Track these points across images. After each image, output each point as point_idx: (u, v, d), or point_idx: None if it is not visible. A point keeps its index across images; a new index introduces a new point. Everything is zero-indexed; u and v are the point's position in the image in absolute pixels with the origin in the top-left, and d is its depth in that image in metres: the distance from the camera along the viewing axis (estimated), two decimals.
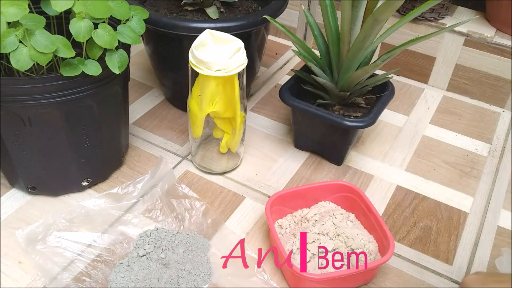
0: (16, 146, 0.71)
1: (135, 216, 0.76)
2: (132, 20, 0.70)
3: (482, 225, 0.80)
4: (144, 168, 0.86)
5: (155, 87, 1.07)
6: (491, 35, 1.02)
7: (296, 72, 0.88)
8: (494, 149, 0.96)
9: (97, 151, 0.77)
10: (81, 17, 0.63)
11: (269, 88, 1.09)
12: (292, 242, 0.71)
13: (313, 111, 0.82)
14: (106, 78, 0.70)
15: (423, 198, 0.84)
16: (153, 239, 0.71)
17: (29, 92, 0.64)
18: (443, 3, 1.04)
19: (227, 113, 0.76)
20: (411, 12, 0.72)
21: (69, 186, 0.80)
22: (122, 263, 0.68)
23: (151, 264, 0.68)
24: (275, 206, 0.74)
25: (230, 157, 0.86)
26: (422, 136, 0.98)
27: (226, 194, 0.83)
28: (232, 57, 0.71)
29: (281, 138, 0.95)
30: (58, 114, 0.68)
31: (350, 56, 0.78)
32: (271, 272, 0.70)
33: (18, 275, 0.69)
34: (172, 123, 0.98)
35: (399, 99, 1.08)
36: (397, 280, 0.71)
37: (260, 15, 0.84)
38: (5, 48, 0.59)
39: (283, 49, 1.23)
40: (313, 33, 0.86)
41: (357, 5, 0.76)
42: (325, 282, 0.65)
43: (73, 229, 0.73)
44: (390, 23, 0.80)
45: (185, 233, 0.73)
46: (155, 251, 0.69)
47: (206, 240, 0.73)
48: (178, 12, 0.92)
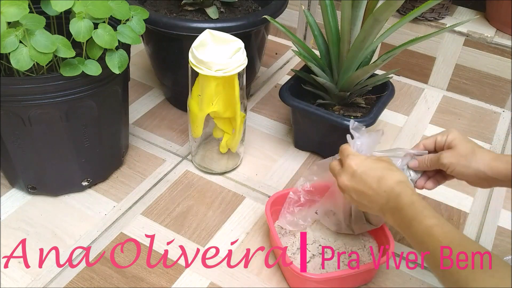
0: (16, 146, 0.71)
1: None
2: (132, 20, 0.70)
3: (482, 225, 0.80)
4: (144, 168, 0.86)
5: (155, 87, 1.07)
6: (491, 35, 1.02)
7: (296, 72, 0.88)
8: (494, 149, 0.96)
9: (97, 151, 0.77)
10: (81, 17, 0.63)
11: (269, 88, 1.09)
12: (292, 242, 0.71)
13: (313, 111, 0.82)
14: (106, 78, 0.70)
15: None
16: None
17: (29, 92, 0.64)
18: (443, 3, 1.04)
19: (227, 113, 0.76)
20: (411, 12, 0.72)
21: (69, 186, 0.80)
22: None
23: None
24: (275, 206, 0.74)
25: (230, 157, 0.86)
26: (422, 136, 0.98)
27: (226, 194, 0.83)
28: (232, 57, 0.71)
29: (281, 138, 0.95)
30: (58, 114, 0.68)
31: (350, 56, 0.78)
32: (271, 272, 0.70)
33: (18, 275, 0.69)
34: (172, 123, 0.98)
35: (399, 99, 1.08)
36: (397, 280, 0.71)
37: (260, 15, 0.84)
38: (5, 48, 0.59)
39: (283, 49, 1.23)
40: (313, 33, 0.86)
41: (357, 5, 0.76)
42: (325, 282, 0.65)
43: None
44: (390, 23, 0.80)
45: None
46: None
47: None
48: (178, 12, 0.92)
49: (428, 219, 0.51)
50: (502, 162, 0.59)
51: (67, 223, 0.76)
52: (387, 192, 0.57)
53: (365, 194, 0.58)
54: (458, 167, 0.61)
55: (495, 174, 0.59)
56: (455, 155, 0.61)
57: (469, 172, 0.61)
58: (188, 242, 0.74)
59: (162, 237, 0.75)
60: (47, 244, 0.73)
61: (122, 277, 0.69)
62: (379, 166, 0.59)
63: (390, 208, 0.56)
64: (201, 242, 0.74)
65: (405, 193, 0.55)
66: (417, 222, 0.52)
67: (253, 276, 0.70)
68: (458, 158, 0.61)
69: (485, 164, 0.60)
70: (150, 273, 0.70)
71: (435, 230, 0.50)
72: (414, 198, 0.54)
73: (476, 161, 0.60)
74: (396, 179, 0.57)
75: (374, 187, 0.58)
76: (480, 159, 0.60)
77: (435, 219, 0.51)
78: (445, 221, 0.51)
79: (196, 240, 0.75)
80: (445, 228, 0.50)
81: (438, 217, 0.52)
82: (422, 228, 0.51)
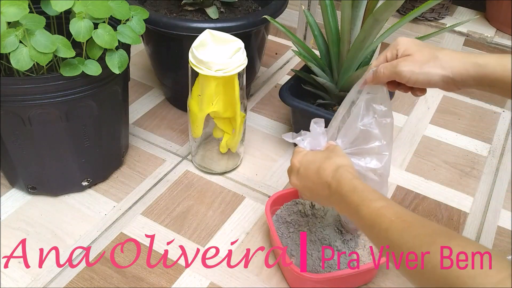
0: (16, 146, 0.71)
1: None
2: (132, 20, 0.70)
3: (482, 225, 0.80)
4: (144, 168, 0.86)
5: (155, 87, 1.07)
6: (491, 35, 1.02)
7: (296, 72, 0.88)
8: (494, 149, 0.96)
9: (97, 151, 0.77)
10: (81, 17, 0.63)
11: (269, 88, 1.09)
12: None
13: (313, 111, 0.82)
14: (106, 78, 0.70)
15: (423, 198, 0.84)
16: None
17: (29, 92, 0.64)
18: (443, 3, 1.04)
19: (227, 113, 0.76)
20: (411, 12, 0.72)
21: (69, 186, 0.80)
22: None
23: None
24: (275, 206, 0.74)
25: (230, 157, 0.86)
26: (422, 136, 0.98)
27: (226, 194, 0.83)
28: (232, 57, 0.71)
29: (281, 138, 0.95)
30: (58, 114, 0.68)
31: (350, 56, 0.78)
32: (271, 272, 0.70)
33: (18, 275, 0.69)
34: (172, 123, 0.98)
35: (399, 99, 1.08)
36: (397, 280, 0.71)
37: (260, 15, 0.84)
38: (5, 48, 0.59)
39: (283, 49, 1.23)
40: (313, 33, 0.86)
41: (357, 5, 0.76)
42: (325, 282, 0.65)
43: None
44: (390, 23, 0.80)
45: None
46: None
47: None
48: (178, 12, 0.92)
49: (374, 202, 0.49)
50: (466, 64, 0.53)
51: (67, 223, 0.76)
52: (328, 182, 0.54)
53: (312, 189, 0.57)
54: (421, 77, 0.55)
55: (463, 77, 0.54)
56: (414, 62, 0.55)
57: (435, 79, 0.55)
58: (188, 242, 0.74)
59: (162, 237, 0.75)
60: (47, 244, 0.73)
61: (122, 277, 0.69)
62: (318, 157, 0.57)
63: (335, 199, 0.54)
64: (201, 242, 0.74)
65: (344, 180, 0.53)
66: (365, 206, 0.49)
67: (253, 276, 0.70)
68: (419, 65, 0.55)
69: (449, 67, 0.54)
70: (150, 273, 0.70)
71: (384, 210, 0.47)
72: (355, 183, 0.52)
73: (441, 66, 0.54)
74: (334, 166, 0.55)
75: (315, 181, 0.56)
76: (445, 63, 0.54)
77: (382, 201, 0.48)
78: (393, 202, 0.49)
79: (196, 240, 0.75)
80: (395, 208, 0.47)
81: (385, 199, 0.49)
82: (370, 211, 0.48)
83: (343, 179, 0.53)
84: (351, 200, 0.51)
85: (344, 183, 0.53)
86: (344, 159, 0.56)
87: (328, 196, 0.55)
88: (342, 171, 0.54)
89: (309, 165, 0.58)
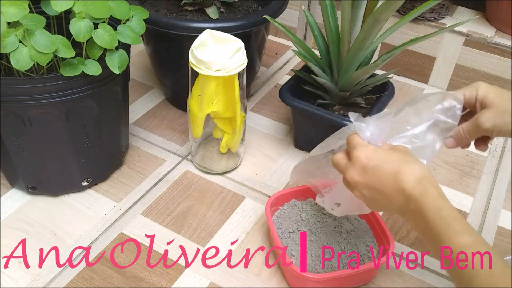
0: (16, 146, 0.71)
1: None
2: (132, 20, 0.70)
3: (482, 225, 0.80)
4: (144, 168, 0.86)
5: (155, 87, 1.07)
6: (491, 35, 1.02)
7: (296, 72, 0.88)
8: (494, 149, 0.96)
9: (97, 151, 0.77)
10: (81, 17, 0.63)
11: (269, 88, 1.09)
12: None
13: (313, 111, 0.82)
14: (106, 78, 0.70)
15: None
16: None
17: (29, 92, 0.64)
18: (443, 3, 1.04)
19: (227, 113, 0.76)
20: (411, 12, 0.72)
21: (69, 186, 0.80)
22: None
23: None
24: (275, 206, 0.74)
25: (230, 157, 0.86)
26: None
27: (226, 194, 0.83)
28: (232, 57, 0.71)
29: (281, 138, 0.95)
30: (58, 114, 0.68)
31: (350, 56, 0.78)
32: (271, 272, 0.70)
33: (18, 275, 0.69)
34: (172, 123, 0.98)
35: (399, 99, 1.07)
36: (397, 280, 0.71)
37: (260, 15, 0.84)
38: (5, 48, 0.59)
39: (283, 49, 1.23)
40: (313, 33, 0.86)
41: (357, 5, 0.76)
42: (325, 282, 0.65)
43: None
44: (390, 23, 0.80)
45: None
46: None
47: None
48: (178, 12, 0.92)
49: (459, 236, 0.44)
50: None
51: (67, 223, 0.76)
52: (408, 191, 0.48)
53: (380, 192, 0.50)
54: (504, 126, 0.51)
55: None
56: (496, 114, 0.51)
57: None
58: (188, 242, 0.74)
59: (162, 237, 0.75)
60: (47, 244, 0.73)
61: (122, 277, 0.69)
62: (394, 158, 0.51)
63: (411, 211, 0.48)
64: (201, 242, 0.74)
65: (429, 195, 0.47)
66: (447, 237, 0.45)
67: (253, 276, 0.70)
68: (501, 117, 0.51)
69: None
70: (150, 273, 0.70)
71: (469, 250, 0.43)
72: (440, 204, 0.47)
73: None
74: (417, 174, 0.49)
75: (389, 184, 0.49)
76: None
77: (468, 236, 0.44)
78: (479, 238, 0.44)
79: (196, 240, 0.75)
80: (481, 248, 0.43)
81: (471, 233, 0.44)
82: (453, 246, 0.44)
83: (428, 194, 0.48)
84: (432, 224, 0.46)
85: (428, 198, 0.47)
86: (425, 168, 0.50)
87: (401, 206, 0.50)
88: (426, 183, 0.48)
89: (382, 164, 0.51)
